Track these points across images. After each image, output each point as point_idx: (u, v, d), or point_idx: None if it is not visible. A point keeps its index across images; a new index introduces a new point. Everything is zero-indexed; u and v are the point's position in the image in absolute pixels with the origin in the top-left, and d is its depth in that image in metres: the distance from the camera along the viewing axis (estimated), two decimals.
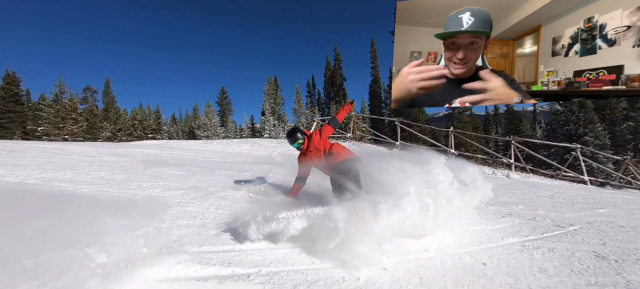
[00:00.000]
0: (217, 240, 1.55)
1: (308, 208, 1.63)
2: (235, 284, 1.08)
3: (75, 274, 0.93)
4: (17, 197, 1.73)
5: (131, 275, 1.10)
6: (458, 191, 2.09)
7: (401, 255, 1.52)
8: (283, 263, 1.31)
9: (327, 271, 1.26)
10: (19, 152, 4.92)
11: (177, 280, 1.11)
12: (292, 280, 1.14)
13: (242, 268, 1.22)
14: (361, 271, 1.27)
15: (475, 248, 1.69)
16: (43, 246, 0.95)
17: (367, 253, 1.40)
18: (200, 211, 2.07)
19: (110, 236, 1.09)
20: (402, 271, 1.30)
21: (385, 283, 1.18)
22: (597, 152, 11.38)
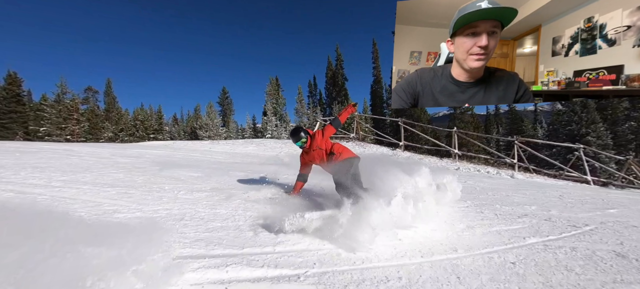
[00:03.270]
0: (255, 241, 1.62)
1: (329, 209, 1.83)
2: (289, 285, 1.14)
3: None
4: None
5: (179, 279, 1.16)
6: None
7: (431, 256, 1.59)
8: (326, 263, 1.38)
9: (370, 271, 1.32)
10: (32, 154, 4.98)
11: (231, 282, 1.17)
12: (340, 280, 1.21)
13: (289, 269, 1.28)
14: (401, 272, 1.34)
15: (501, 247, 1.76)
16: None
17: (399, 251, 1.47)
18: (229, 213, 2.14)
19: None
20: (439, 271, 1.37)
21: (427, 281, 1.25)
22: (600, 153, 11.47)
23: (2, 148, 5.67)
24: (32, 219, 1.15)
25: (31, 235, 0.99)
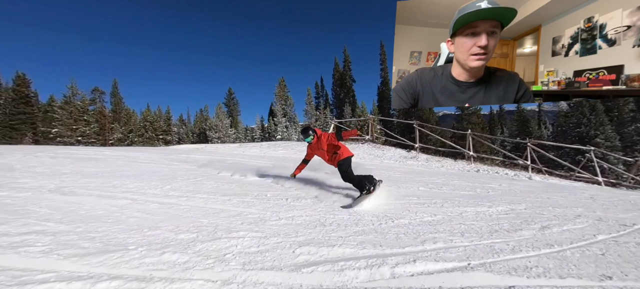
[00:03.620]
0: (412, 242, 2.04)
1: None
2: (484, 274, 1.56)
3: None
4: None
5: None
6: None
7: (540, 250, 2.02)
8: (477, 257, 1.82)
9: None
10: (104, 161, 5.36)
11: (422, 274, 1.58)
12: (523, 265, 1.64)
13: (476, 261, 1.70)
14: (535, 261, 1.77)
15: (583, 243, 2.19)
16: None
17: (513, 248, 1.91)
18: (353, 219, 2.55)
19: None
20: (551, 262, 1.80)
21: (552, 269, 1.68)
22: (608, 154, 11.97)
23: (61, 154, 6.02)
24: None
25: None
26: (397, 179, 5.45)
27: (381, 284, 1.38)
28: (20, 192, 2.72)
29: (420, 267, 1.59)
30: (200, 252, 1.61)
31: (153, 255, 1.53)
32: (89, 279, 1.26)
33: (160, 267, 1.42)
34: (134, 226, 2.00)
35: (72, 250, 1.55)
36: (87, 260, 1.45)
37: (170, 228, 1.99)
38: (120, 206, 2.44)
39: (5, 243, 1.60)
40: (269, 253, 1.65)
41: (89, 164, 4.82)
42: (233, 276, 1.36)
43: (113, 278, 1.28)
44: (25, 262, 1.41)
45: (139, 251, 1.57)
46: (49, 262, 1.42)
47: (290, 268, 1.47)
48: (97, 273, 1.33)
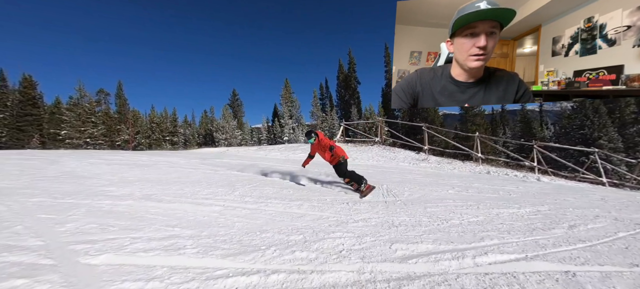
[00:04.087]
0: (473, 239, 2.49)
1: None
2: (542, 263, 2.00)
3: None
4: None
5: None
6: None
7: (576, 244, 2.48)
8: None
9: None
10: (148, 167, 5.78)
11: (491, 264, 2.04)
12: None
13: (530, 253, 2.15)
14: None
15: (608, 239, 2.63)
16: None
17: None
18: (413, 221, 3.01)
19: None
20: (588, 254, 2.25)
21: (590, 259, 2.13)
22: (612, 155, 12.49)
23: (107, 161, 6.42)
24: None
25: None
26: (422, 182, 5.91)
27: (470, 271, 1.83)
28: (120, 200, 3.15)
29: (492, 258, 2.04)
30: (319, 250, 2.06)
31: (286, 254, 1.97)
32: (258, 273, 1.70)
33: (300, 263, 1.86)
34: (244, 230, 2.45)
35: (221, 251, 1.99)
36: (241, 258, 1.89)
37: (276, 231, 2.44)
38: (217, 213, 2.88)
39: (161, 246, 2.03)
40: (372, 249, 2.10)
41: (143, 170, 5.24)
42: (361, 267, 1.80)
43: (274, 272, 1.72)
44: (192, 261, 1.84)
45: (273, 251, 2.01)
46: (212, 261, 1.85)
47: (399, 260, 1.92)
48: (259, 269, 1.77)
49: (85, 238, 2.11)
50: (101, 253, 1.87)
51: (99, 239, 2.10)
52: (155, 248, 1.97)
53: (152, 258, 1.82)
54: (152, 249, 1.94)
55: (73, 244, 1.99)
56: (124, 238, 2.12)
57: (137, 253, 1.88)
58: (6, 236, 2.12)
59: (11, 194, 3.20)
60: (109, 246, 1.97)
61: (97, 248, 1.94)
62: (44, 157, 6.75)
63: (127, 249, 1.93)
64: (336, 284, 1.59)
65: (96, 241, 2.05)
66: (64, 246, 1.96)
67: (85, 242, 2.04)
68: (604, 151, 13.27)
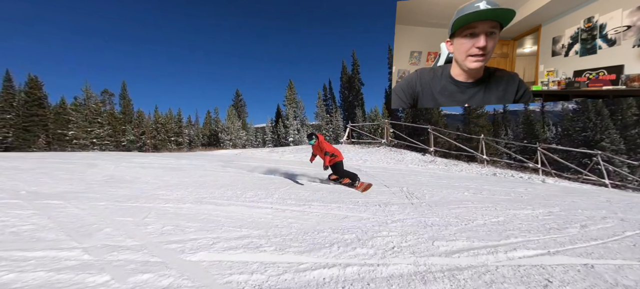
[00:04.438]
0: (499, 237, 2.85)
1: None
2: (564, 257, 2.37)
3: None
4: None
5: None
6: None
7: (594, 241, 2.84)
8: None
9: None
10: (184, 171, 6.13)
11: (523, 258, 2.40)
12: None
13: (552, 249, 2.52)
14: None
15: (617, 237, 2.99)
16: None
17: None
18: (443, 222, 3.37)
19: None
20: (601, 250, 2.61)
21: (605, 254, 2.50)
22: (614, 157, 12.88)
23: (139, 164, 6.76)
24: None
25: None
26: (436, 184, 6.27)
27: (506, 263, 2.20)
28: (180, 204, 3.51)
29: (521, 253, 2.41)
30: (374, 246, 2.42)
31: (349, 250, 2.33)
32: (335, 266, 2.05)
33: (365, 257, 2.22)
34: (302, 230, 2.80)
35: (294, 248, 2.34)
36: (314, 254, 2.24)
37: (330, 230, 2.79)
38: (271, 215, 3.24)
39: (241, 245, 2.38)
40: (418, 246, 2.46)
41: (178, 173, 5.60)
42: (416, 261, 2.16)
43: (348, 265, 2.07)
44: (276, 257, 2.17)
45: (337, 247, 2.37)
46: (292, 256, 2.20)
47: (444, 255, 2.29)
48: (334, 263, 2.12)
49: (171, 238, 2.46)
50: (195, 251, 2.22)
51: (184, 239, 2.45)
52: (237, 246, 2.32)
53: (241, 255, 2.18)
54: (235, 248, 2.30)
55: (166, 244, 2.34)
56: (205, 238, 2.47)
57: (226, 250, 2.24)
58: (102, 237, 2.46)
59: (79, 199, 3.55)
60: (198, 245, 2.32)
61: (188, 247, 2.29)
62: (77, 160, 7.09)
63: (215, 248, 2.28)
64: (402, 274, 1.95)
65: (183, 241, 2.40)
66: (160, 246, 2.31)
67: (174, 242, 2.39)
68: (606, 152, 13.67)
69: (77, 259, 2.06)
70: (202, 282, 1.78)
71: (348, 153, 13.40)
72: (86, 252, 2.16)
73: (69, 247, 2.24)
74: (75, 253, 2.14)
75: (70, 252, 2.16)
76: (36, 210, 3.01)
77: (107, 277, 1.82)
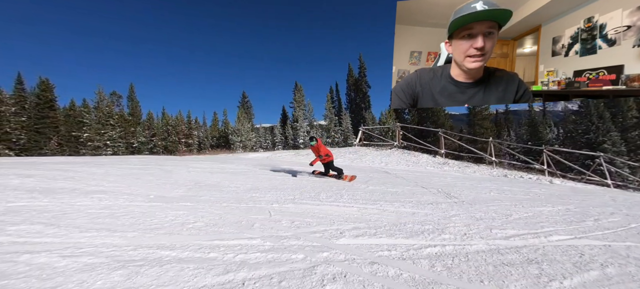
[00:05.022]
0: (538, 228, 3.81)
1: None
2: (588, 240, 3.34)
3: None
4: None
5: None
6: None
7: (609, 240, 3.81)
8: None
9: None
10: (242, 175, 7.03)
11: (547, 245, 3.36)
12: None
13: (579, 235, 3.49)
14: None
15: (624, 228, 3.98)
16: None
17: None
18: (489, 216, 4.32)
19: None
20: (614, 236, 3.57)
21: (617, 238, 3.46)
22: (615, 158, 13.93)
23: (190, 169, 7.63)
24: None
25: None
26: (462, 186, 7.23)
27: (548, 244, 3.15)
28: (282, 205, 4.43)
29: (555, 238, 3.37)
30: (453, 233, 3.36)
31: (437, 235, 3.28)
32: (438, 246, 3.00)
33: (451, 240, 3.16)
34: (391, 222, 3.74)
35: (401, 235, 3.29)
36: (416, 238, 3.18)
37: (412, 223, 3.74)
38: (358, 212, 4.18)
39: (366, 233, 3.32)
40: (482, 233, 3.40)
41: (238, 178, 6.52)
42: (487, 242, 3.11)
43: (444, 246, 3.02)
44: (393, 241, 3.13)
45: (427, 235, 3.31)
46: (404, 241, 3.14)
47: (503, 238, 3.24)
48: (435, 244, 3.07)
49: (318, 229, 3.31)
50: (337, 238, 3.15)
51: (326, 230, 3.33)
52: (365, 233, 3.25)
53: (377, 239, 3.09)
54: (366, 234, 3.22)
55: (309, 234, 3.27)
56: (335, 229, 3.38)
57: (363, 236, 3.15)
58: (261, 229, 3.38)
59: (200, 202, 4.46)
60: (340, 233, 3.24)
61: (327, 235, 3.22)
62: (156, 165, 7.98)
63: (345, 236, 3.21)
64: (483, 250, 2.90)
65: (327, 231, 3.30)
66: (307, 236, 3.24)
67: (312, 233, 3.31)
68: (608, 154, 14.70)
69: (262, 247, 2.97)
70: (361, 256, 2.72)
71: (366, 155, 14.35)
72: (266, 240, 3.04)
73: (249, 237, 3.09)
74: (257, 242, 3.04)
75: (253, 241, 3.05)
76: (201, 208, 3.92)
77: (301, 255, 2.73)
